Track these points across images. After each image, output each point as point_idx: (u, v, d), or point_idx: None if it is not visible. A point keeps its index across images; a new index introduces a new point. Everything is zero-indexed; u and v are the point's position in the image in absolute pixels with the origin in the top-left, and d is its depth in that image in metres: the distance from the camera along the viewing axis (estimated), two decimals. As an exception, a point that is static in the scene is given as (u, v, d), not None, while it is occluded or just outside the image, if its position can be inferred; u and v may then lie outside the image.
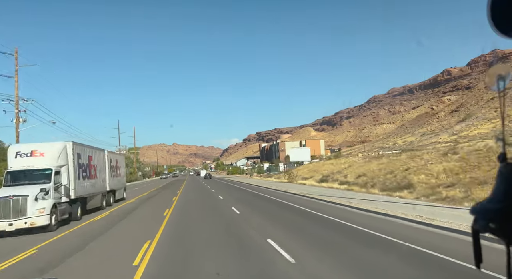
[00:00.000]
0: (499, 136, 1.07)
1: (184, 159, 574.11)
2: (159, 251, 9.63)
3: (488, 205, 0.95)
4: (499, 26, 0.92)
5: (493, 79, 1.04)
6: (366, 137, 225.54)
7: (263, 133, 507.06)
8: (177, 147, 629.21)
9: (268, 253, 8.78)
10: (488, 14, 0.93)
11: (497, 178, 0.97)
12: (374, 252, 8.53)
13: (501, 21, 0.91)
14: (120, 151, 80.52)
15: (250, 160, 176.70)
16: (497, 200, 0.93)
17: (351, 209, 16.83)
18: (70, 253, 10.08)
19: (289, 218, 15.31)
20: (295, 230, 12.36)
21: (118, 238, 12.68)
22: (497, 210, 0.92)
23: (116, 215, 19.22)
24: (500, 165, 0.97)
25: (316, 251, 8.94)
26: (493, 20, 0.93)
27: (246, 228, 12.94)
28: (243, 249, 9.59)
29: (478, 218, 0.98)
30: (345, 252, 8.72)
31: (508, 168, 0.94)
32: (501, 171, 0.96)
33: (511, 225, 0.91)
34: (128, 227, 15.16)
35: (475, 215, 0.99)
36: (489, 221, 0.94)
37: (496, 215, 0.93)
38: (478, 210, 0.98)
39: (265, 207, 20.37)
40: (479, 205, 0.99)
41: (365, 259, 7.97)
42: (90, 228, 15.37)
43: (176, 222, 15.08)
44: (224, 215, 17.07)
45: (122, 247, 10.85)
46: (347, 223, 12.99)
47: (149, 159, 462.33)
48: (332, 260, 8.01)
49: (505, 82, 1.04)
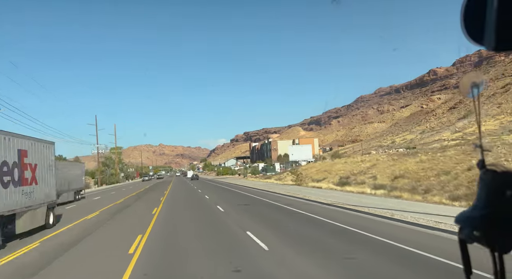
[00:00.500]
0: (477, 143, 1.06)
1: (170, 160, 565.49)
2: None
3: (471, 213, 0.94)
4: (471, 34, 0.93)
5: (467, 87, 1.06)
6: (356, 136, 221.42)
7: (251, 133, 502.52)
8: (164, 148, 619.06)
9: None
10: (461, 22, 0.95)
11: (478, 185, 0.96)
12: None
13: (473, 29, 0.93)
14: (98, 150, 72.16)
15: (240, 160, 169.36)
16: (480, 207, 0.92)
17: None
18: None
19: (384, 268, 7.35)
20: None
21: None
22: (480, 217, 0.91)
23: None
24: (480, 172, 0.96)
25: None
26: (466, 28, 0.94)
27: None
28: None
29: (463, 226, 0.96)
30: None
31: (488, 174, 0.94)
32: (481, 178, 0.95)
33: (495, 232, 0.90)
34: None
35: (459, 224, 0.97)
36: (473, 229, 0.92)
37: (479, 223, 0.92)
38: (462, 218, 0.97)
39: (304, 231, 11.92)
40: (463, 214, 0.98)
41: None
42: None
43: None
44: (248, 256, 8.73)
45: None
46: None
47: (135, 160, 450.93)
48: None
49: (479, 89, 1.05)
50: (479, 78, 1.06)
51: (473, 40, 0.93)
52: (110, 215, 19.43)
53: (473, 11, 0.92)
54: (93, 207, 24.13)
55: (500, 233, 0.89)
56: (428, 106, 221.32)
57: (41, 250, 11.02)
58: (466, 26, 0.94)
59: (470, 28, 0.93)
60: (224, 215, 16.88)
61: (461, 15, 0.94)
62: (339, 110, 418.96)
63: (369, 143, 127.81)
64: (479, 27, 0.91)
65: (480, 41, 0.92)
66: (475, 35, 0.92)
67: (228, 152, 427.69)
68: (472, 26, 0.93)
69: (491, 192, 0.91)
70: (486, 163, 0.97)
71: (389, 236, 10.14)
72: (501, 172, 0.92)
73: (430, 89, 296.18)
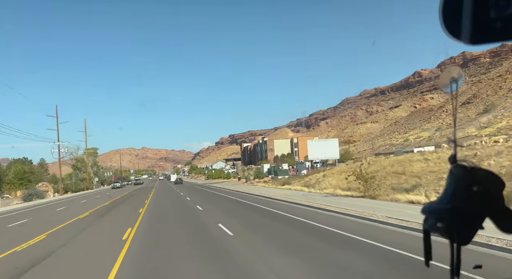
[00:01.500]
0: (451, 138, 1.07)
1: (154, 164, 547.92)
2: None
3: (438, 205, 0.97)
4: (451, 29, 0.94)
5: (446, 82, 1.07)
6: (349, 137, 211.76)
7: (236, 136, 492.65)
8: (147, 151, 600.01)
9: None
10: (440, 18, 0.95)
11: (447, 179, 0.98)
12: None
13: (452, 25, 0.94)
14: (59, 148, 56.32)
15: (230, 162, 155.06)
16: (447, 200, 0.94)
17: None
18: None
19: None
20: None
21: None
22: (445, 210, 0.94)
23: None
24: (450, 166, 0.97)
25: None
26: (445, 24, 0.95)
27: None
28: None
29: (428, 217, 0.99)
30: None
31: (458, 169, 0.95)
32: (451, 172, 0.96)
33: (456, 224, 0.93)
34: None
35: (425, 214, 1.00)
36: (437, 221, 0.95)
37: (444, 215, 0.94)
38: (428, 209, 0.99)
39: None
40: (429, 205, 1.00)
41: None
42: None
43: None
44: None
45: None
46: None
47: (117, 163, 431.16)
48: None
49: (458, 84, 1.06)
50: (459, 74, 1.06)
51: (452, 35, 0.94)
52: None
53: (451, 6, 0.93)
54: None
55: (461, 226, 0.92)
56: (422, 105, 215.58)
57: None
58: (445, 22, 0.94)
59: (448, 23, 0.94)
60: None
61: (439, 11, 0.95)
62: (325, 112, 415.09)
63: (373, 143, 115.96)
64: (457, 23, 0.92)
65: (458, 36, 0.92)
66: (454, 30, 0.93)
67: (214, 155, 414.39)
68: (450, 22, 0.94)
69: (459, 186, 0.94)
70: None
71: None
72: (471, 168, 0.94)
73: (418, 90, 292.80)
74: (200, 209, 22.36)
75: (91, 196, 47.50)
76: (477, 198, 0.91)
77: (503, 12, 0.85)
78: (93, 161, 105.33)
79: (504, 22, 0.86)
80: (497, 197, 0.92)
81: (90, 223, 17.36)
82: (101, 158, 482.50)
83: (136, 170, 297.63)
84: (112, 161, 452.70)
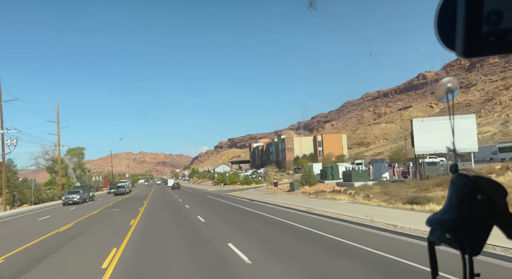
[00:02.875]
0: (450, 147, 1.06)
1: (151, 168, 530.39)
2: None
3: (443, 215, 0.94)
4: (445, 41, 0.94)
5: (442, 92, 1.07)
6: (362, 138, 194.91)
7: (236, 140, 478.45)
8: (144, 155, 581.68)
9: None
10: (436, 30, 0.95)
11: (449, 189, 0.96)
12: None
13: (447, 37, 0.93)
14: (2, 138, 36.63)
15: (235, 165, 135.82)
16: (452, 210, 0.92)
17: None
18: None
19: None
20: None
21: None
22: (452, 221, 0.91)
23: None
24: (452, 176, 0.96)
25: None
26: (440, 35, 0.95)
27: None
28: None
29: (434, 229, 0.96)
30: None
31: (460, 178, 0.93)
32: (453, 181, 0.95)
33: (465, 234, 0.90)
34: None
35: (431, 226, 0.97)
36: (445, 232, 0.93)
37: (451, 225, 0.92)
38: (434, 221, 0.96)
39: None
40: (434, 217, 0.97)
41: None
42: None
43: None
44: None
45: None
46: None
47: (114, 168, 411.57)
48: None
49: (454, 94, 1.06)
50: (455, 84, 1.06)
51: (446, 46, 0.94)
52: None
53: (445, 18, 0.93)
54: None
55: (470, 236, 0.90)
56: (438, 105, 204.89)
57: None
58: (440, 33, 0.94)
59: (443, 34, 0.94)
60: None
61: (434, 22, 0.95)
62: (328, 115, 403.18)
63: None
64: (451, 34, 0.92)
65: (453, 47, 0.92)
66: (448, 41, 0.93)
67: (213, 158, 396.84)
68: (445, 33, 0.93)
69: (462, 196, 0.92)
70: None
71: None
72: (473, 177, 0.92)
73: (428, 91, 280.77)
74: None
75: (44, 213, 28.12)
76: (482, 207, 0.89)
77: (495, 27, 0.85)
78: (77, 163, 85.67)
79: (496, 36, 0.86)
80: (502, 205, 0.90)
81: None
82: (98, 163, 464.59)
83: (133, 175, 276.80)
84: (109, 165, 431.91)
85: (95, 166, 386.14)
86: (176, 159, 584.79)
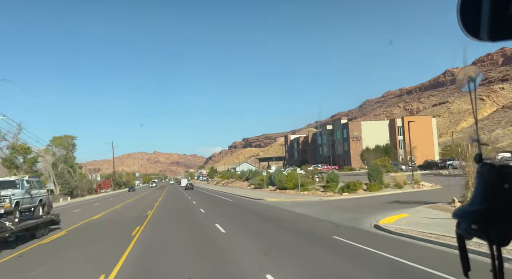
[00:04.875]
0: (474, 137, 1.02)
1: (165, 168, 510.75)
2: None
3: (469, 207, 0.90)
4: (468, 28, 0.91)
5: (464, 80, 1.04)
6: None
7: (251, 139, 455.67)
8: (158, 155, 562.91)
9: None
10: (458, 17, 0.92)
11: (476, 179, 0.92)
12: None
13: (470, 23, 0.90)
14: None
15: (263, 162, 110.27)
16: (479, 201, 0.89)
17: None
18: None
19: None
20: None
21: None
22: (478, 211, 0.88)
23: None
24: (477, 166, 0.93)
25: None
26: (462, 23, 0.92)
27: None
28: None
29: (461, 221, 0.93)
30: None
31: (485, 168, 0.90)
32: (478, 172, 0.92)
33: (493, 225, 0.87)
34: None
35: (457, 218, 0.94)
36: (471, 223, 0.89)
37: (478, 216, 0.88)
38: (460, 213, 0.93)
39: None
40: (460, 209, 0.94)
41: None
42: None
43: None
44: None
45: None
46: None
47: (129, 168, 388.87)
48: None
49: (476, 83, 1.03)
50: (476, 72, 1.02)
51: (470, 34, 0.90)
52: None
53: (469, 4, 0.90)
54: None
55: (498, 226, 0.87)
56: (490, 98, 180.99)
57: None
58: (463, 21, 0.91)
59: (467, 23, 0.91)
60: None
61: (457, 12, 0.92)
62: (349, 113, 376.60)
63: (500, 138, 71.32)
64: (475, 21, 0.88)
65: (477, 34, 0.89)
66: (472, 30, 0.89)
67: (228, 158, 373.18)
68: (468, 20, 0.90)
69: (489, 185, 0.88)
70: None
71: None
72: (499, 166, 0.89)
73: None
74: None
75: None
76: (509, 196, 0.85)
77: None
78: (64, 157, 61.25)
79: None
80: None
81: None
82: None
83: (146, 174, 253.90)
84: (124, 165, 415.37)
85: (110, 166, 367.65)
86: (190, 159, 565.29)
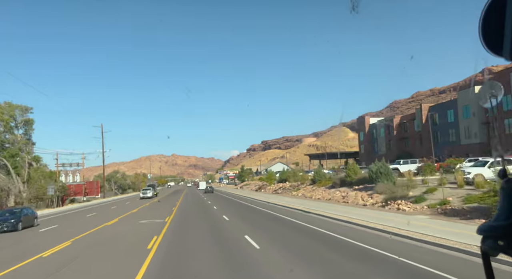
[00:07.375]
0: (498, 152, 1.01)
1: (183, 171, 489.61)
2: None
3: (494, 222, 0.87)
4: (490, 45, 0.89)
5: (485, 97, 1.03)
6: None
7: (270, 142, 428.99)
8: (176, 158, 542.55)
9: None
10: (480, 34, 0.90)
11: (500, 195, 0.90)
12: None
13: (492, 41, 0.89)
14: None
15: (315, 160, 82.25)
16: (504, 217, 0.85)
17: None
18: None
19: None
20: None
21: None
22: (504, 227, 0.84)
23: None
24: (501, 182, 0.90)
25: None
26: (484, 39, 0.90)
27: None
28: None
29: (486, 236, 0.89)
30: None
31: (509, 183, 0.88)
32: (503, 187, 0.89)
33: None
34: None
35: (482, 234, 0.90)
36: (497, 239, 0.85)
37: (504, 232, 0.84)
38: (485, 228, 0.89)
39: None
40: (485, 224, 0.90)
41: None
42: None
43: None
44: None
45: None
46: None
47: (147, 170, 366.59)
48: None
49: (497, 99, 1.01)
50: (498, 88, 1.01)
51: (492, 51, 0.88)
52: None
53: (491, 22, 0.88)
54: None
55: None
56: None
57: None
58: (485, 38, 0.89)
59: (488, 39, 0.89)
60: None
61: (479, 27, 0.90)
62: (380, 113, 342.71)
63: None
64: (498, 39, 0.86)
65: (499, 52, 0.87)
66: (494, 46, 0.88)
67: (248, 160, 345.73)
68: (491, 38, 0.88)
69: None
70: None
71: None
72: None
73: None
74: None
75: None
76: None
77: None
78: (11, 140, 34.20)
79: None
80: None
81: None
82: (131, 165, 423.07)
83: (162, 176, 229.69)
84: (142, 167, 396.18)
85: (128, 168, 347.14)
86: (207, 162, 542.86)
